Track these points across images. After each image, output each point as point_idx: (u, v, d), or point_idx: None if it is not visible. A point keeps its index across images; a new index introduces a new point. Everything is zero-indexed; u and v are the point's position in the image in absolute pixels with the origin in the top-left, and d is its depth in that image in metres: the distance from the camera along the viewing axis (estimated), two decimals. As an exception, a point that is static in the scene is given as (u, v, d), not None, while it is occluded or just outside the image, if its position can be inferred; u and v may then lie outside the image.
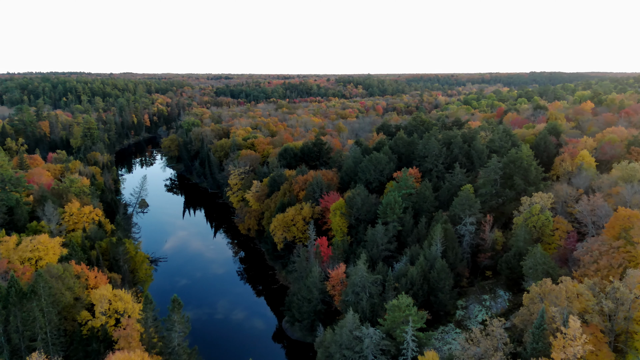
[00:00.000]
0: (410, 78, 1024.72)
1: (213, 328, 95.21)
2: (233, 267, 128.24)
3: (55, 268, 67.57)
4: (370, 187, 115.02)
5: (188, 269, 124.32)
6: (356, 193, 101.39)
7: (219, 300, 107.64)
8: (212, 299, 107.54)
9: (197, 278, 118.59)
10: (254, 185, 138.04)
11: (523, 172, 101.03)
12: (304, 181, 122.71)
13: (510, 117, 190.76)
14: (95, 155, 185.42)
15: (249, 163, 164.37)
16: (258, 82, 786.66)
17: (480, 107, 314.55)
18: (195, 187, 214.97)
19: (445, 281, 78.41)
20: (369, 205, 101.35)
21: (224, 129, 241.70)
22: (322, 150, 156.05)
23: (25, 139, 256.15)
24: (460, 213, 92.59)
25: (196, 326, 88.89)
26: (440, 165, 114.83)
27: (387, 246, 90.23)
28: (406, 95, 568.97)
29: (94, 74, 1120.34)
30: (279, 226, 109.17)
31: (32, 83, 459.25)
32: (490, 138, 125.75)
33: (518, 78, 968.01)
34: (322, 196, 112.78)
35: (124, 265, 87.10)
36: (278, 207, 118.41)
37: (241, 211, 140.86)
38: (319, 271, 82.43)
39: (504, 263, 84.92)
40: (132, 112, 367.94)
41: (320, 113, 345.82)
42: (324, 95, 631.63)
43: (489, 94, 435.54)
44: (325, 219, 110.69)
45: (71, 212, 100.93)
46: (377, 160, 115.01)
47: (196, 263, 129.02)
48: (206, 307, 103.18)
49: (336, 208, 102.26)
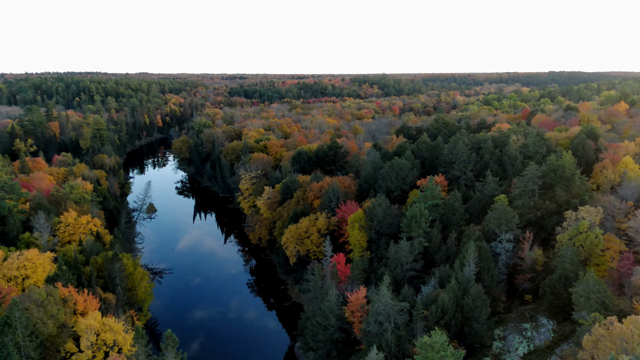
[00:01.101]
0: (426, 78, 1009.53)
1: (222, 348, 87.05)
2: (243, 278, 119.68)
3: (37, 293, 59.21)
4: (391, 196, 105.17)
5: (192, 283, 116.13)
6: (377, 204, 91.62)
7: (226, 320, 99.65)
8: (218, 319, 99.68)
9: (199, 295, 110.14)
10: (265, 191, 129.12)
11: (565, 182, 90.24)
12: (319, 188, 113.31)
13: (539, 119, 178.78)
14: (102, 157, 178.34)
15: (260, 167, 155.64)
16: (272, 82, 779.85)
17: (503, 108, 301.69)
18: (206, 190, 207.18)
19: (482, 309, 68.27)
20: (391, 218, 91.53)
21: (236, 130, 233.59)
22: (338, 154, 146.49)
23: (34, 140, 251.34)
24: (496, 228, 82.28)
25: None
26: (469, 172, 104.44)
27: (413, 265, 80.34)
28: (423, 95, 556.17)
29: (110, 73, 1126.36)
30: (292, 238, 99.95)
31: (45, 83, 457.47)
32: (523, 142, 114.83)
33: (537, 78, 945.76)
34: (339, 205, 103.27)
35: (121, 283, 78.66)
36: (291, 217, 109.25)
37: (252, 219, 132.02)
38: (336, 294, 72.93)
39: (547, 287, 74.40)
40: (144, 113, 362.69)
41: (335, 114, 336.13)
42: (339, 95, 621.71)
43: (509, 94, 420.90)
44: (342, 231, 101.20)
45: (67, 222, 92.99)
46: (399, 167, 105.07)
47: (200, 277, 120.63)
48: (212, 334, 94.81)
49: (354, 220, 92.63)
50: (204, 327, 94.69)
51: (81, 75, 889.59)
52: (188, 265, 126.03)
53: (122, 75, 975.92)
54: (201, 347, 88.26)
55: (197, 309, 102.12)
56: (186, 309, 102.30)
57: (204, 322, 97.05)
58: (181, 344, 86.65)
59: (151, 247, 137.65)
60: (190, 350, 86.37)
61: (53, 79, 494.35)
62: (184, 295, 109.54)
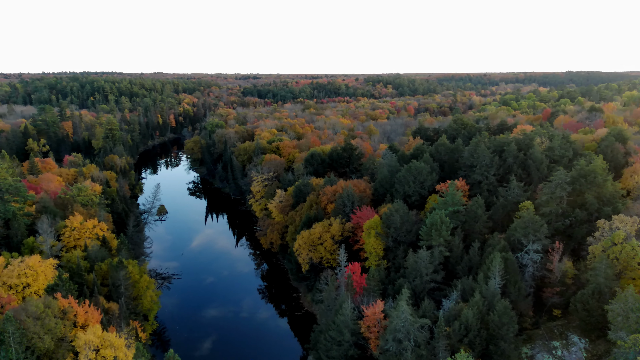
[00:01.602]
0: (441, 77, 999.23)
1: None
2: (254, 279, 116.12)
3: (34, 305, 55.79)
4: (409, 202, 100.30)
5: (205, 281, 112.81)
6: (394, 210, 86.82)
7: (238, 319, 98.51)
8: (230, 318, 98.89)
9: (212, 293, 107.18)
10: (277, 194, 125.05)
11: (596, 188, 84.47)
12: (333, 192, 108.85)
13: (562, 120, 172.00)
14: (113, 158, 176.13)
15: (273, 169, 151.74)
16: (286, 81, 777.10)
17: (521, 109, 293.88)
18: (218, 192, 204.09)
19: (509, 326, 63.14)
20: (410, 225, 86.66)
21: (249, 130, 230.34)
22: (353, 156, 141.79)
23: (47, 139, 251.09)
24: (522, 238, 76.95)
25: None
26: (492, 176, 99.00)
27: (433, 276, 75.44)
28: (438, 95, 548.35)
29: (125, 73, 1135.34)
30: (304, 245, 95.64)
31: (60, 83, 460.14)
32: (548, 145, 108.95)
33: (554, 78, 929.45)
34: (354, 211, 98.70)
35: (125, 292, 75.18)
36: (303, 222, 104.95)
37: (263, 223, 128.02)
38: (351, 307, 68.43)
39: (579, 303, 68.97)
40: (157, 113, 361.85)
41: (349, 114, 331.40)
42: (353, 95, 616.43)
43: (527, 94, 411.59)
44: (356, 238, 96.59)
45: (72, 226, 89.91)
46: (417, 170, 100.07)
47: (213, 276, 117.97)
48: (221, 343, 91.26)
49: (370, 227, 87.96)
50: (217, 326, 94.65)
51: (97, 75, 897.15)
52: (200, 265, 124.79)
53: (137, 75, 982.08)
54: (213, 346, 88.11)
55: (209, 308, 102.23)
56: (199, 307, 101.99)
57: (216, 320, 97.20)
58: (193, 341, 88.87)
59: (161, 250, 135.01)
60: (202, 349, 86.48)
61: (68, 79, 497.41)
62: (197, 294, 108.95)
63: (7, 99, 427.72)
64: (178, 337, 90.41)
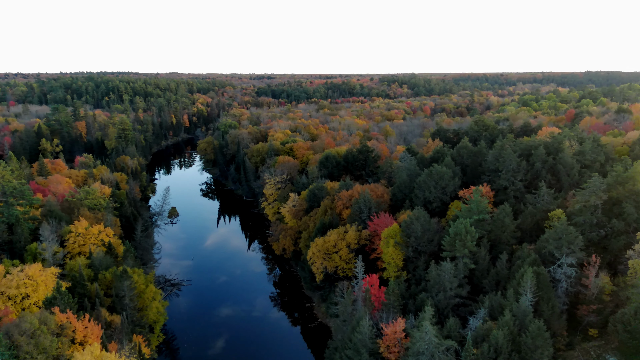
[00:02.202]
0: (457, 77, 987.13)
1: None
2: (266, 290, 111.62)
3: (29, 321, 51.83)
4: (429, 208, 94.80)
5: (212, 287, 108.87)
6: (414, 217, 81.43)
7: (250, 318, 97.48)
8: (243, 317, 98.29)
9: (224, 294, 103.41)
10: (290, 198, 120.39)
11: (635, 196, 78.02)
12: (349, 197, 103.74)
13: (588, 122, 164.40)
14: (125, 159, 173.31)
15: (286, 171, 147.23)
16: (300, 81, 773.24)
17: (542, 109, 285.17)
18: (231, 193, 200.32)
19: (543, 349, 57.40)
20: (431, 234, 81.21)
21: (262, 131, 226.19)
22: (369, 158, 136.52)
23: (60, 139, 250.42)
24: (554, 250, 71.02)
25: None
26: (519, 182, 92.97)
27: (458, 291, 69.92)
28: (454, 95, 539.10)
29: (141, 73, 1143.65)
30: (318, 253, 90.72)
31: (75, 82, 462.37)
32: (578, 149, 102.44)
33: (572, 78, 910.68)
34: (371, 217, 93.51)
35: (130, 303, 71.13)
36: (317, 228, 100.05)
37: (275, 228, 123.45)
38: (370, 325, 63.29)
39: (620, 323, 62.86)
40: (171, 113, 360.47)
41: (364, 114, 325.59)
42: (367, 95, 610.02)
43: (547, 94, 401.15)
44: (373, 246, 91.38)
45: (77, 231, 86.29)
46: (438, 175, 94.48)
47: (222, 279, 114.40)
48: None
49: (389, 235, 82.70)
50: (229, 325, 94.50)
51: (114, 75, 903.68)
52: (212, 266, 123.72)
53: (152, 75, 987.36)
54: (226, 345, 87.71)
55: (223, 307, 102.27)
56: (211, 307, 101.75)
57: (229, 319, 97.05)
58: (206, 340, 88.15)
59: (172, 252, 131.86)
60: (215, 348, 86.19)
61: (83, 79, 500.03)
62: (209, 293, 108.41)
63: (24, 98, 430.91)
64: (188, 341, 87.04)
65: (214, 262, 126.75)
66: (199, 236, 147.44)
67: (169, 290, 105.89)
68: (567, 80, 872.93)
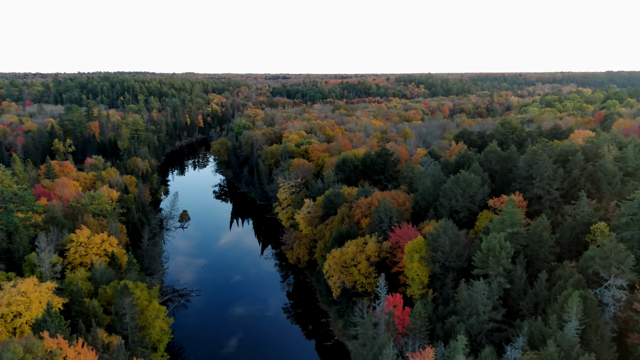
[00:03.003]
0: (475, 77, 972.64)
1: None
2: (278, 298, 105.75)
3: (12, 349, 46.13)
4: (455, 218, 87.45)
5: (226, 286, 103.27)
6: (442, 230, 74.27)
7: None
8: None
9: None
10: (305, 204, 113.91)
11: (692, 209, 69.69)
12: (368, 205, 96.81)
13: (622, 125, 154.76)
14: (136, 161, 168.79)
15: (301, 175, 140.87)
16: (315, 81, 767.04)
17: (567, 110, 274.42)
18: (244, 196, 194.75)
19: (595, 389, 50.02)
20: (460, 248, 73.97)
21: (276, 132, 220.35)
22: (388, 162, 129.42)
23: (73, 140, 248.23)
24: (601, 270, 63.23)
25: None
26: (555, 191, 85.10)
27: (492, 315, 62.62)
28: (473, 95, 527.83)
29: (157, 73, 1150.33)
30: (335, 266, 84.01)
31: (91, 82, 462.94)
32: (619, 155, 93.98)
33: (593, 78, 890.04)
34: (392, 228, 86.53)
35: (131, 322, 65.36)
36: (334, 238, 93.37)
37: (289, 235, 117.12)
38: (394, 354, 56.42)
39: (681, 356, 55.07)
40: (185, 113, 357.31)
41: (381, 115, 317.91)
42: (384, 95, 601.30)
43: (570, 94, 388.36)
44: (395, 259, 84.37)
45: (79, 240, 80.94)
46: (466, 182, 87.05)
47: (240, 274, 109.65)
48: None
49: (413, 249, 75.68)
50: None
51: (130, 75, 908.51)
52: (226, 265, 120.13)
53: (168, 75, 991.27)
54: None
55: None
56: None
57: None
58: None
59: (185, 253, 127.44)
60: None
61: (99, 79, 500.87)
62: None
63: (40, 98, 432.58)
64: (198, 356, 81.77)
65: (226, 264, 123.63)
66: (210, 241, 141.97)
67: (176, 302, 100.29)
68: (588, 80, 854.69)
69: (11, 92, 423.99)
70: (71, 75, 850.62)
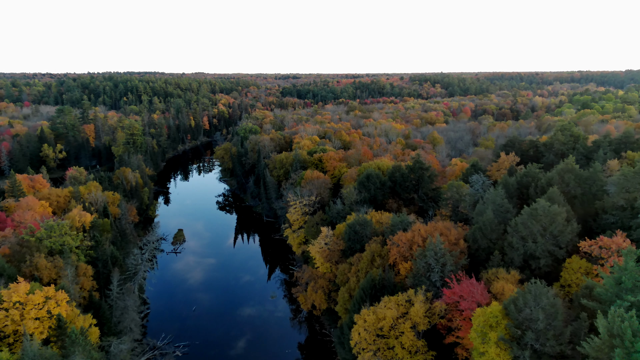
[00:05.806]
0: (490, 76, 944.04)
1: None
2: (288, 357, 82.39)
3: None
4: (532, 267, 63.47)
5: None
6: (530, 297, 50.20)
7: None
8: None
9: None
10: (322, 234, 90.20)
11: None
12: (408, 244, 72.84)
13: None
14: (125, 172, 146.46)
15: (315, 191, 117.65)
16: (326, 81, 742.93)
17: (608, 111, 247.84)
18: (249, 211, 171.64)
19: None
20: (559, 324, 49.89)
21: (286, 137, 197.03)
22: (423, 178, 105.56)
23: (66, 144, 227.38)
24: None
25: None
26: (677, 232, 60.66)
27: None
28: (493, 95, 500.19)
29: (167, 73, 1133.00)
30: (368, 337, 60.33)
31: (93, 82, 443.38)
32: None
33: (613, 77, 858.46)
34: (446, 280, 62.75)
35: None
36: (363, 287, 69.66)
37: (302, 273, 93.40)
38: None
39: None
40: (190, 114, 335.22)
41: (400, 116, 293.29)
42: (398, 95, 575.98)
43: (607, 94, 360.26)
44: (451, 324, 60.46)
45: (11, 301, 58.13)
46: (547, 216, 62.93)
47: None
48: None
49: (486, 323, 51.74)
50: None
51: (139, 75, 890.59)
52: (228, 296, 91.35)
53: (178, 75, 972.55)
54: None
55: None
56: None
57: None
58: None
59: (171, 296, 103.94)
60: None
61: (102, 78, 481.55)
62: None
63: (40, 98, 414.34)
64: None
65: (226, 302, 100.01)
66: (208, 268, 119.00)
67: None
68: (607, 79, 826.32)
69: (10, 93, 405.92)
70: (82, 75, 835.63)
